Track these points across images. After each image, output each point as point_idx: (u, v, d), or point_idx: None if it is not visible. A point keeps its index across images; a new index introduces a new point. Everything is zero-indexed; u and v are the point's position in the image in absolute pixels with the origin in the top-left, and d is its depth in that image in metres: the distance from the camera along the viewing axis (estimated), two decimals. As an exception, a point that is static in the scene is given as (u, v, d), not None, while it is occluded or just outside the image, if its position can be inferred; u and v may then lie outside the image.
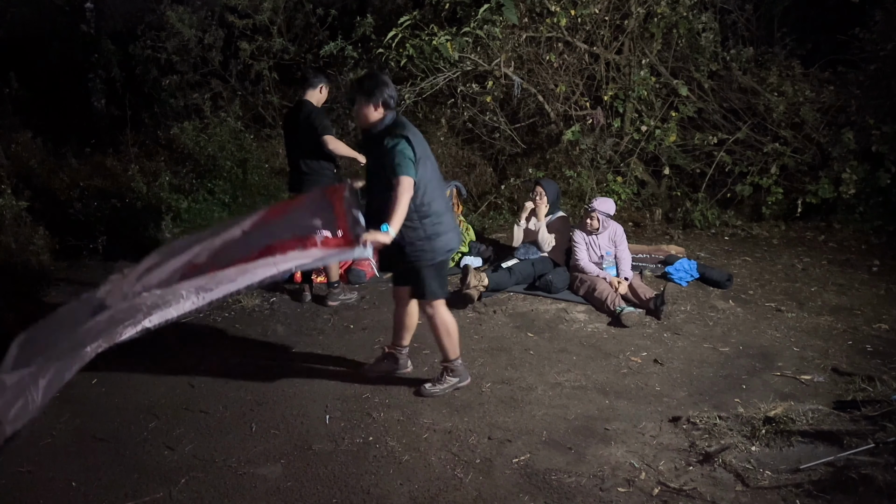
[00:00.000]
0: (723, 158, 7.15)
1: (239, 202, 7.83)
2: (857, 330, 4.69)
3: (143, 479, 3.10)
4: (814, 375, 4.03)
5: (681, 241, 6.74)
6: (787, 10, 7.77)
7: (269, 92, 8.85)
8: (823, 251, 6.41)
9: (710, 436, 3.37)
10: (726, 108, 7.37)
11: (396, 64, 6.91)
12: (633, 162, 7.31)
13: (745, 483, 3.02)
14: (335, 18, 8.80)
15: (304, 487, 3.06)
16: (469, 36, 6.59)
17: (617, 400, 3.81)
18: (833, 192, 6.77)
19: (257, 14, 8.67)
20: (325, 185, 4.90)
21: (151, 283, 3.55)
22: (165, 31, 8.79)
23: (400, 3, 8.56)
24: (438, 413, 3.64)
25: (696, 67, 7.28)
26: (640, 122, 7.25)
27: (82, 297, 3.78)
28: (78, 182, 7.99)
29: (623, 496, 2.97)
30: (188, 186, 7.82)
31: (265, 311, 5.20)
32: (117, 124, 9.11)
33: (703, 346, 4.50)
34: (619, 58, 7.33)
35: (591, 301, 5.16)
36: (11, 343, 3.41)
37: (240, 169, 8.03)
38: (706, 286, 5.52)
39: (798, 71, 7.26)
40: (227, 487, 3.07)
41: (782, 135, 7.08)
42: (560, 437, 3.41)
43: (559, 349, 4.45)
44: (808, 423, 3.40)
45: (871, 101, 6.89)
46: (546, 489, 3.02)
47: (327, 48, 7.83)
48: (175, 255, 3.95)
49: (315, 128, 4.86)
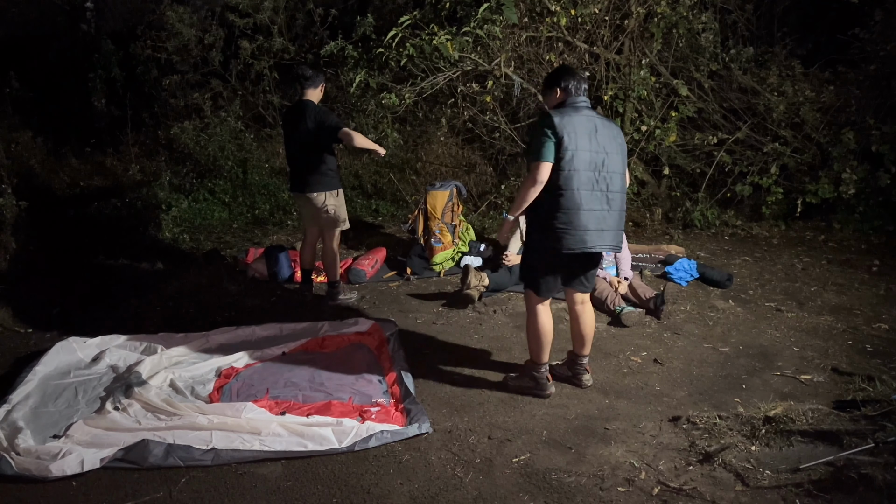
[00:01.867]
0: (723, 158, 7.15)
1: (239, 202, 7.84)
2: (857, 330, 4.69)
3: (143, 479, 3.10)
4: (814, 375, 4.03)
5: (681, 240, 6.74)
6: (787, 10, 7.77)
7: (270, 92, 8.86)
8: (823, 251, 6.41)
9: (710, 435, 3.37)
10: (726, 108, 7.37)
11: (396, 64, 6.91)
12: (633, 162, 7.31)
13: (744, 483, 3.02)
14: (335, 18, 8.81)
15: (304, 487, 3.06)
16: (469, 36, 6.58)
17: (617, 400, 3.80)
18: (833, 192, 6.77)
19: (258, 13, 8.68)
20: (329, 187, 4.92)
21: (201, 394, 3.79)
22: (165, 31, 8.79)
23: (400, 2, 8.57)
24: (438, 413, 3.64)
25: (696, 67, 7.28)
26: (640, 121, 7.25)
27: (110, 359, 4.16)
28: (78, 182, 8.00)
29: (623, 496, 2.97)
30: (188, 186, 7.83)
31: (265, 311, 5.20)
32: (117, 124, 9.12)
33: (703, 345, 4.50)
34: (619, 58, 7.33)
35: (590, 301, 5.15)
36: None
37: (240, 169, 8.03)
38: (706, 286, 5.52)
39: (798, 71, 7.27)
40: (227, 487, 3.07)
41: (782, 135, 7.08)
42: (560, 437, 3.41)
43: (559, 349, 4.45)
44: (808, 423, 3.40)
45: (871, 101, 6.89)
46: (546, 489, 3.02)
47: (327, 48, 7.84)
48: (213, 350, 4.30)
49: (329, 125, 4.83)
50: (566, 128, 3.37)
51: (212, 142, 8.03)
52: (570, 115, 3.43)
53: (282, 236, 7.08)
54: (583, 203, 3.41)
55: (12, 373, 4.09)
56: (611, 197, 3.49)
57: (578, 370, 3.90)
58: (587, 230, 3.43)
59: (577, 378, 3.90)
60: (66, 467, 3.06)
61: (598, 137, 3.44)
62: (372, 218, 7.69)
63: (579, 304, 3.78)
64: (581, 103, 3.53)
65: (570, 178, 3.39)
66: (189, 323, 4.97)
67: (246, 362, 4.14)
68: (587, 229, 3.43)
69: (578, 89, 3.56)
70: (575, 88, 3.56)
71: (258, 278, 5.65)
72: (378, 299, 5.41)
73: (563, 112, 3.45)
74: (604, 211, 3.47)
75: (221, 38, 8.88)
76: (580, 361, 3.89)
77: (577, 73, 3.62)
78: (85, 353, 4.25)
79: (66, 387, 3.87)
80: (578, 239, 3.43)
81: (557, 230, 3.42)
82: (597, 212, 3.45)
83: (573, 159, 3.37)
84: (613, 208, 3.51)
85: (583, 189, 3.41)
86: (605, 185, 3.46)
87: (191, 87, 8.97)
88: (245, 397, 3.71)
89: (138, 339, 4.46)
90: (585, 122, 3.43)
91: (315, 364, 4.10)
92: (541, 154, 3.37)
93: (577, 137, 3.38)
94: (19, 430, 3.34)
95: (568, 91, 3.56)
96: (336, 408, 3.59)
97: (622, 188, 3.55)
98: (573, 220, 3.41)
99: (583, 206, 3.41)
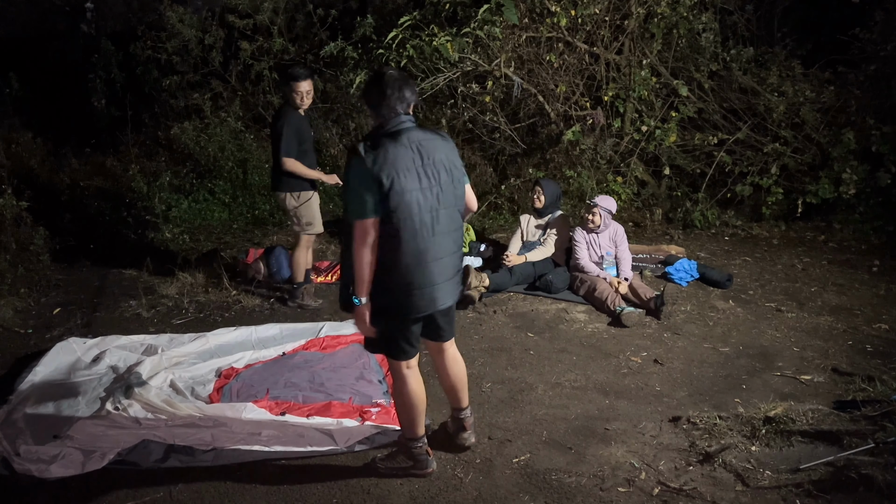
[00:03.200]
0: (723, 158, 7.15)
1: (239, 202, 7.84)
2: (857, 330, 4.69)
3: (143, 479, 3.10)
4: (814, 375, 4.03)
5: (681, 241, 6.74)
6: (788, 10, 7.76)
7: (270, 92, 8.85)
8: (823, 251, 6.41)
9: (710, 436, 3.37)
10: (726, 108, 7.36)
11: (396, 64, 6.90)
12: (633, 162, 7.31)
13: (745, 483, 3.02)
14: (335, 19, 8.80)
15: (304, 487, 3.06)
16: (469, 36, 6.58)
17: (617, 400, 3.80)
18: (833, 192, 6.77)
19: (258, 14, 8.68)
20: (290, 188, 4.96)
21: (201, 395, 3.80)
22: (165, 32, 8.79)
23: (400, 3, 8.56)
24: (438, 413, 3.64)
25: (697, 67, 7.28)
26: (640, 122, 7.25)
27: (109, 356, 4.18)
28: (78, 182, 8.00)
29: (623, 496, 2.97)
30: (188, 186, 7.83)
31: (265, 311, 5.20)
32: (117, 124, 9.11)
33: (703, 346, 4.50)
34: (619, 58, 7.33)
35: (591, 301, 5.16)
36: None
37: (240, 169, 8.03)
38: (706, 286, 5.52)
39: (798, 71, 7.26)
40: (227, 487, 3.07)
41: (782, 135, 7.07)
42: (560, 437, 3.41)
43: (559, 349, 4.45)
44: (808, 423, 3.40)
45: (871, 101, 6.88)
46: (546, 489, 3.02)
47: (327, 48, 7.84)
48: (213, 350, 4.32)
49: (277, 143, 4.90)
50: (383, 168, 2.69)
51: (212, 142, 8.02)
52: (386, 149, 2.72)
53: (282, 236, 7.08)
54: (424, 253, 2.79)
55: (12, 373, 4.10)
56: (453, 238, 2.91)
57: (457, 426, 3.28)
58: (435, 285, 2.85)
59: (456, 436, 3.28)
60: (66, 468, 3.06)
61: (427, 167, 2.78)
62: (372, 218, 7.67)
63: (442, 353, 3.15)
64: (399, 125, 2.80)
65: (404, 230, 2.74)
66: (189, 323, 4.97)
67: (246, 363, 4.14)
68: (434, 284, 2.84)
69: (399, 104, 2.80)
70: (393, 104, 2.79)
71: (258, 278, 5.65)
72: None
73: (377, 147, 2.73)
74: (448, 256, 2.89)
75: (221, 38, 8.87)
76: (459, 416, 3.26)
77: (394, 78, 2.82)
78: (85, 354, 4.25)
79: (66, 387, 3.87)
80: (427, 299, 2.85)
81: (401, 291, 2.81)
82: (442, 260, 2.85)
83: (401, 205, 2.72)
84: (455, 250, 2.94)
85: (422, 238, 2.78)
86: (444, 225, 2.84)
87: (191, 87, 8.96)
88: (245, 398, 3.71)
89: (138, 339, 4.47)
90: (406, 154, 2.74)
91: (315, 364, 4.11)
92: (360, 209, 2.70)
93: (399, 177, 2.70)
94: (20, 431, 3.34)
95: (381, 113, 2.81)
96: (336, 408, 3.59)
97: (460, 223, 2.96)
98: (416, 279, 2.80)
99: (425, 256, 2.80)
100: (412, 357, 3.01)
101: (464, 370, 3.22)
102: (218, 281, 5.53)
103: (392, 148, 2.73)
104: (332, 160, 8.50)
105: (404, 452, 3.13)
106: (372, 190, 2.69)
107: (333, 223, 7.42)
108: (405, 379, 3.00)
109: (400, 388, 3.02)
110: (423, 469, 3.10)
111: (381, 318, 2.89)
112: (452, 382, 3.20)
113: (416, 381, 3.02)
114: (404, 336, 2.94)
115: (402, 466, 3.12)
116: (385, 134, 2.78)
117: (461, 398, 3.23)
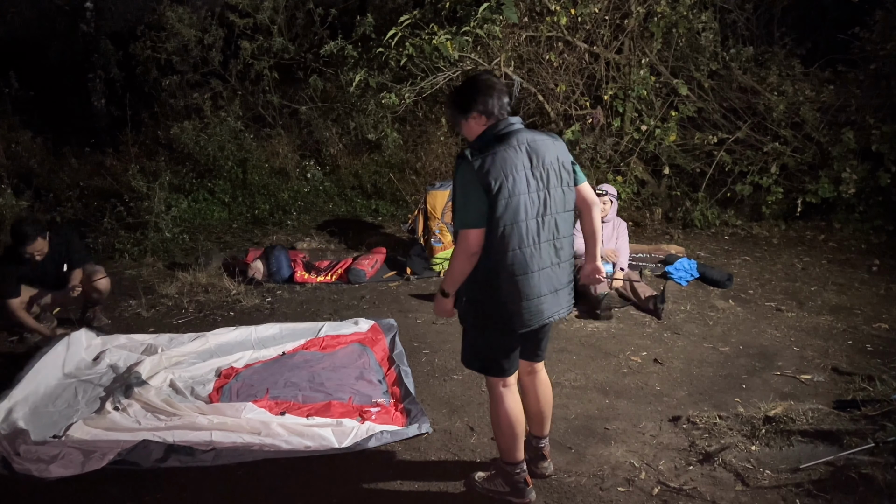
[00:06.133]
0: (723, 158, 7.15)
1: (239, 202, 7.84)
2: (857, 329, 4.69)
3: (143, 479, 3.10)
4: (814, 375, 4.03)
5: (681, 240, 6.74)
6: (787, 9, 7.76)
7: (269, 91, 8.86)
8: (823, 251, 6.41)
9: (710, 435, 3.37)
10: (726, 107, 7.37)
11: (396, 63, 6.91)
12: (632, 161, 7.31)
13: (745, 482, 3.02)
14: (335, 18, 8.80)
15: (304, 487, 3.06)
16: (469, 35, 6.58)
17: (617, 399, 3.80)
18: (833, 191, 6.77)
19: (258, 13, 8.68)
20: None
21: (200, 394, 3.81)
22: (165, 32, 8.79)
23: (400, 2, 8.56)
24: (438, 413, 3.64)
25: (696, 67, 7.28)
26: (639, 121, 7.25)
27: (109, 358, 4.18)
28: (78, 182, 8.00)
29: (623, 496, 2.97)
30: (188, 186, 7.83)
31: (265, 310, 5.20)
32: (117, 124, 9.12)
33: (703, 345, 4.50)
34: (619, 57, 7.33)
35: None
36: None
37: (240, 169, 8.04)
38: (706, 286, 5.52)
39: (798, 70, 7.26)
40: (227, 487, 3.07)
41: (782, 134, 7.07)
42: (560, 437, 3.41)
43: (559, 349, 4.45)
44: (808, 423, 3.40)
45: (871, 101, 6.88)
46: (546, 489, 3.02)
47: (327, 47, 7.84)
48: (213, 350, 4.33)
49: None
50: (493, 172, 2.54)
51: (211, 142, 8.03)
52: (496, 152, 2.57)
53: (281, 236, 7.08)
54: (531, 263, 2.64)
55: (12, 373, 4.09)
56: (559, 245, 2.72)
57: (536, 455, 3.09)
58: (541, 297, 2.69)
59: (535, 465, 3.08)
60: (66, 468, 3.06)
61: (536, 170, 2.62)
62: (372, 218, 7.69)
63: (533, 375, 2.99)
64: (509, 127, 2.64)
65: (510, 236, 2.59)
66: (189, 323, 4.97)
67: (246, 362, 4.14)
68: (541, 296, 2.69)
69: (502, 107, 2.66)
70: (498, 107, 2.65)
71: (258, 278, 5.65)
72: (378, 299, 5.40)
73: (485, 150, 2.58)
74: (555, 266, 2.72)
75: (221, 38, 8.87)
76: (538, 444, 3.09)
77: (495, 82, 2.70)
78: (86, 353, 4.26)
79: (67, 387, 3.88)
80: (534, 311, 2.68)
81: (505, 304, 2.66)
82: (547, 269, 2.69)
83: (508, 210, 2.56)
84: (563, 259, 2.76)
85: (528, 245, 2.63)
86: (551, 232, 2.68)
87: (190, 87, 8.97)
88: (245, 397, 3.71)
89: (138, 338, 4.47)
90: (517, 156, 2.59)
91: (315, 364, 4.11)
92: (466, 218, 2.59)
93: (508, 181, 2.55)
94: (20, 431, 3.34)
95: (489, 113, 2.65)
96: (336, 408, 3.59)
97: (570, 230, 2.78)
98: (522, 289, 2.64)
99: (531, 266, 2.64)
100: (510, 375, 2.81)
101: (551, 396, 3.05)
102: (218, 281, 5.54)
103: (502, 150, 2.58)
104: (331, 160, 8.50)
105: (502, 477, 2.94)
106: (479, 196, 2.55)
107: (332, 222, 7.44)
108: (501, 398, 2.80)
109: (496, 408, 2.82)
110: (521, 498, 2.90)
111: (484, 335, 2.77)
112: (541, 408, 3.01)
113: (514, 401, 2.82)
114: (504, 351, 2.76)
115: (499, 490, 2.95)
116: (494, 136, 2.63)
117: (545, 426, 3.07)
